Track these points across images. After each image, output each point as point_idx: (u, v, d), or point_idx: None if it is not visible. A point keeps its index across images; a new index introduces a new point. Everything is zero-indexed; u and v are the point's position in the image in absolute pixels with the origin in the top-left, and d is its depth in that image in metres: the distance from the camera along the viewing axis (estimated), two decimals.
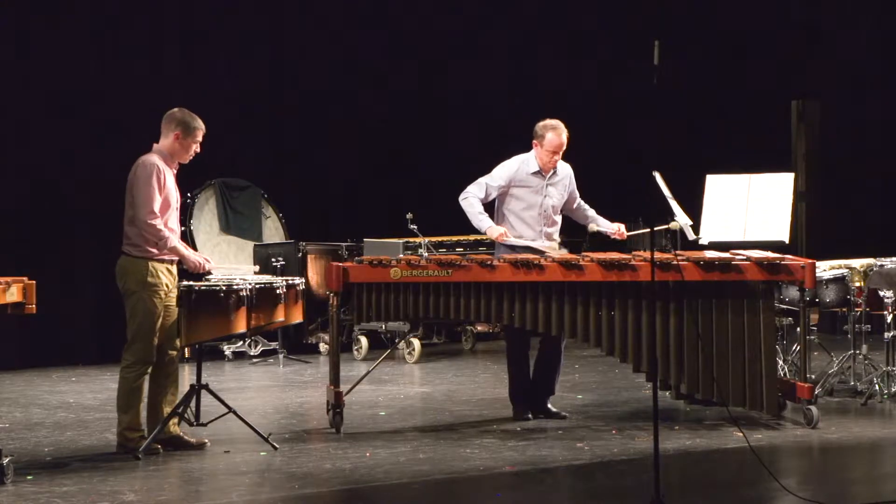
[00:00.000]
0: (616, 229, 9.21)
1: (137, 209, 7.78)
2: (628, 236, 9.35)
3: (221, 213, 12.57)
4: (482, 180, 9.04)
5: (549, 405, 9.02)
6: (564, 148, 8.99)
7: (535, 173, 9.02)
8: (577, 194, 9.25)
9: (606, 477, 7.43)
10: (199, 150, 8.05)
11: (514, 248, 8.93)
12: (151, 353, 7.84)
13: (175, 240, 7.86)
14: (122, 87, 11.97)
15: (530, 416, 8.90)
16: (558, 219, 9.15)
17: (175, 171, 8.03)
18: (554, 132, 8.95)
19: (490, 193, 9.03)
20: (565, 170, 9.17)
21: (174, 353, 8.00)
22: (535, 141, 9.02)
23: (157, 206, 7.78)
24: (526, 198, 9.03)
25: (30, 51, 11.77)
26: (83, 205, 11.86)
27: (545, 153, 8.97)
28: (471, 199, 8.98)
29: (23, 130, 11.76)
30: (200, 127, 8.01)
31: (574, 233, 10.15)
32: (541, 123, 9.02)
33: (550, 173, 9.04)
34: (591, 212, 9.30)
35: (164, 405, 7.96)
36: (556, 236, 9.10)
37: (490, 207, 9.10)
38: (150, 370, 7.87)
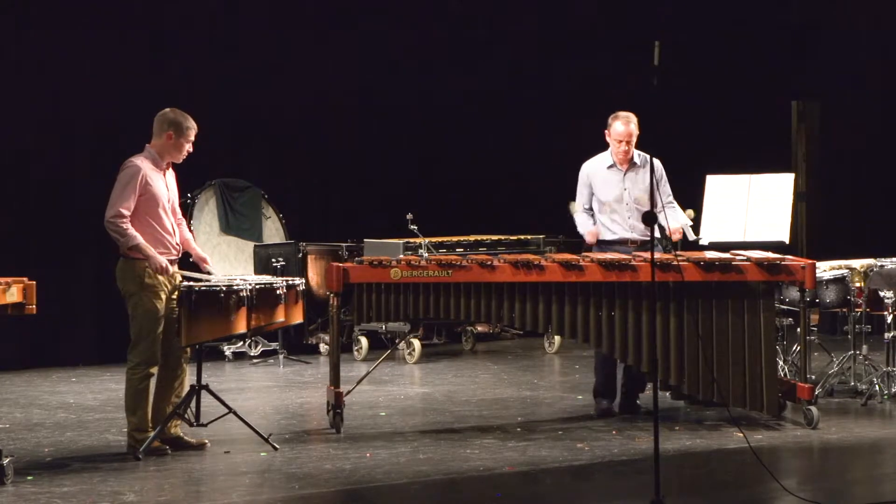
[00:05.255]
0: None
1: (107, 208, 7.80)
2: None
3: (222, 214, 12.55)
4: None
5: (637, 401, 9.07)
6: (633, 137, 8.97)
7: (610, 167, 9.08)
8: (664, 197, 9.00)
9: (606, 477, 7.43)
10: (191, 149, 8.03)
11: (603, 247, 8.96)
12: (155, 354, 7.82)
13: (140, 239, 7.77)
14: (122, 87, 11.95)
15: (615, 408, 8.98)
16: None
17: (166, 170, 8.00)
18: (619, 121, 8.99)
19: (584, 201, 9.10)
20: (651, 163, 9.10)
21: (181, 354, 7.99)
22: (606, 131, 9.06)
23: (125, 208, 7.75)
24: (607, 193, 9.06)
25: (28, 51, 11.76)
26: (83, 205, 11.84)
27: (613, 142, 9.02)
28: (578, 215, 9.06)
29: (22, 130, 11.74)
30: (193, 127, 7.99)
31: (574, 233, 10.14)
32: (613, 114, 9.04)
33: (629, 165, 9.04)
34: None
35: (169, 407, 7.95)
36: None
37: None
38: (155, 371, 7.86)
